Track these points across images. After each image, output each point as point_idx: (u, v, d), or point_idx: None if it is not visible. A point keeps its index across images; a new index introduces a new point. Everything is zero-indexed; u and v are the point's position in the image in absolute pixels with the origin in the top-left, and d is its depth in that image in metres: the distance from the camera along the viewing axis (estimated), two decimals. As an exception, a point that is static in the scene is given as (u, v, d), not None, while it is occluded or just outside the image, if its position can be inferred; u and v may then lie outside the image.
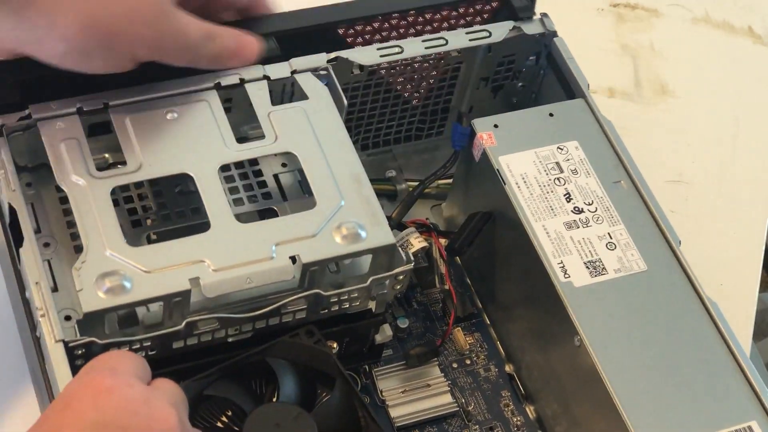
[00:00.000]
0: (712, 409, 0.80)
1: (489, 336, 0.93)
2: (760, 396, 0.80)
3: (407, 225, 0.93)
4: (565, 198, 0.87)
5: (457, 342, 0.92)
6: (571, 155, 0.89)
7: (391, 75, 0.95)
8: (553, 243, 0.85)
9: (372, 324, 0.87)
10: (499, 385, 0.91)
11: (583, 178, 0.88)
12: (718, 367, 0.81)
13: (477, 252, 0.92)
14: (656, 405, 0.79)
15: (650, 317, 0.83)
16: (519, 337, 0.91)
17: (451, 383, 0.90)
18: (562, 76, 0.95)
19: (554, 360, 0.86)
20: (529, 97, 1.00)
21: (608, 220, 0.87)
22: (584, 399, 0.83)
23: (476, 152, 0.90)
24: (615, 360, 0.81)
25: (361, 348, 0.89)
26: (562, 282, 0.83)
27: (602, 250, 0.85)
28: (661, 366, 0.81)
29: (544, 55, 0.97)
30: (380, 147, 1.01)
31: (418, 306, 0.94)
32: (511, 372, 0.92)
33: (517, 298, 0.90)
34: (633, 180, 0.89)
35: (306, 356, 0.82)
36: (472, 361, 0.92)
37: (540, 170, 0.88)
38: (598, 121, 0.92)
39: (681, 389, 0.80)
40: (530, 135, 0.90)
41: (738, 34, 1.17)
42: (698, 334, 0.82)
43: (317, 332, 0.82)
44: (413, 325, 0.93)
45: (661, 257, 0.85)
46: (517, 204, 0.87)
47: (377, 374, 0.89)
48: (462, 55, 0.96)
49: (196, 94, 0.85)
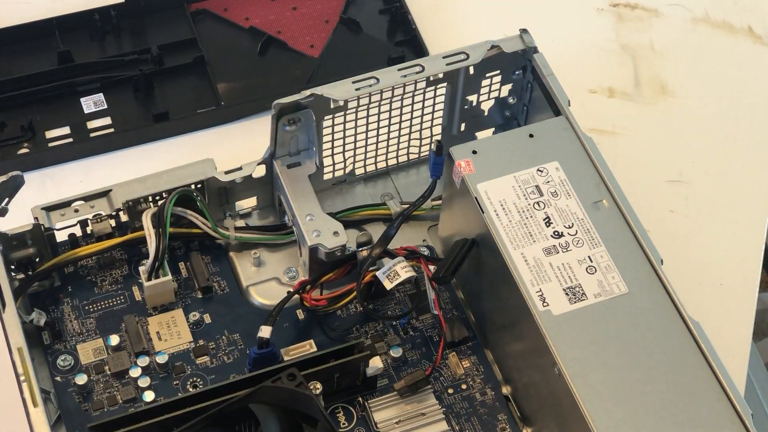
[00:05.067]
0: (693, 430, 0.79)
1: (485, 358, 0.93)
2: (741, 417, 0.79)
3: (397, 253, 0.93)
4: (545, 222, 0.87)
5: (451, 367, 0.93)
6: (551, 177, 0.89)
7: (376, 103, 0.95)
8: (531, 271, 0.85)
9: (360, 359, 0.88)
10: (496, 408, 0.91)
11: (564, 200, 0.88)
12: (700, 390, 0.80)
13: (468, 275, 0.92)
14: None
15: (631, 341, 0.82)
16: (514, 358, 0.91)
17: (447, 409, 0.91)
18: (547, 93, 0.94)
19: (543, 385, 0.86)
20: (520, 110, 1.00)
21: (589, 242, 0.86)
22: (568, 426, 0.83)
23: (456, 179, 0.90)
24: (594, 389, 0.80)
25: (354, 381, 0.90)
26: (541, 311, 0.83)
27: (582, 274, 0.85)
28: (642, 392, 0.80)
29: (529, 69, 0.96)
30: (378, 173, 1.02)
31: (414, 332, 0.94)
32: (507, 394, 0.92)
33: (506, 321, 0.90)
34: (614, 198, 0.88)
35: (289, 400, 0.83)
36: (468, 385, 0.92)
37: (519, 195, 0.88)
38: (579, 138, 0.91)
39: (662, 416, 0.79)
40: (509, 158, 0.90)
41: (738, 34, 1.15)
42: (680, 356, 0.82)
43: (299, 375, 0.84)
44: (410, 352, 0.93)
45: (642, 278, 0.85)
46: (495, 232, 0.86)
47: (371, 406, 0.90)
48: (445, 76, 0.95)
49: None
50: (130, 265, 0.96)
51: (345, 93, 0.91)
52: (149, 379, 0.90)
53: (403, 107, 0.97)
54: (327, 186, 1.01)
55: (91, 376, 0.90)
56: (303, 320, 0.94)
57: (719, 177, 1.08)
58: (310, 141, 0.95)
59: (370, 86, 0.92)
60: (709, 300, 0.90)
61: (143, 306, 0.94)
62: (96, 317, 0.93)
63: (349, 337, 0.94)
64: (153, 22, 1.14)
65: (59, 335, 0.92)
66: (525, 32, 0.95)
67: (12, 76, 1.09)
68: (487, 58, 0.94)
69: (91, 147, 1.06)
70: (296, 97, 0.91)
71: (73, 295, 0.94)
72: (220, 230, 0.96)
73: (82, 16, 1.12)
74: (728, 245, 1.03)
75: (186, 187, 0.94)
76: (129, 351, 0.92)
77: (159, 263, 0.92)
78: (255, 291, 0.96)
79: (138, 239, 0.95)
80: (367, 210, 1.00)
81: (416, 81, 0.94)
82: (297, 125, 0.93)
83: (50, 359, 0.91)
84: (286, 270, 0.97)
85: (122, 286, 0.95)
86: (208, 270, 0.96)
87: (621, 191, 0.88)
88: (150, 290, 0.92)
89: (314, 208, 0.93)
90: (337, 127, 0.95)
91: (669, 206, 0.88)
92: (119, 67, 1.10)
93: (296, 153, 0.95)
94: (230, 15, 1.15)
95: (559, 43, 1.14)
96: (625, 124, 1.09)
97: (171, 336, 0.93)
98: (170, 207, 0.92)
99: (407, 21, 1.13)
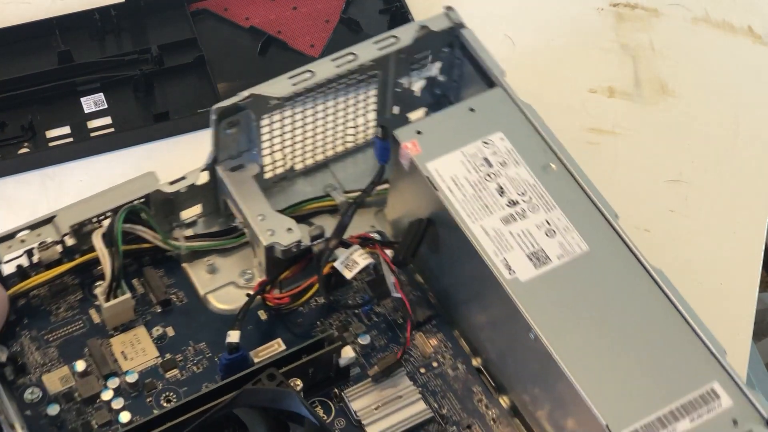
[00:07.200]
0: (673, 378, 0.81)
1: (451, 334, 0.94)
2: (716, 355, 0.81)
3: (350, 242, 0.93)
4: (498, 193, 0.88)
5: (419, 347, 0.93)
6: (497, 147, 0.90)
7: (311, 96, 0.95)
8: (493, 241, 0.86)
9: (332, 351, 0.89)
10: (469, 381, 0.92)
11: (513, 168, 0.89)
12: (671, 335, 0.82)
13: (424, 254, 0.93)
14: (619, 386, 0.80)
15: (599, 296, 0.84)
16: (483, 330, 0.92)
17: (422, 389, 0.91)
18: (479, 67, 0.95)
19: (518, 351, 0.87)
20: (451, 87, 1.01)
21: (544, 207, 0.87)
22: (549, 388, 0.84)
23: (404, 161, 0.90)
24: (572, 347, 0.82)
25: (327, 374, 0.90)
26: (509, 280, 0.84)
27: (542, 238, 0.86)
28: (617, 345, 0.82)
29: (457, 45, 0.97)
30: (317, 166, 1.02)
31: (377, 318, 0.95)
32: (478, 366, 0.93)
33: (470, 295, 0.91)
34: (562, 161, 0.89)
35: (271, 400, 0.83)
36: (438, 362, 0.93)
37: (469, 169, 0.89)
38: (518, 107, 0.92)
39: (640, 365, 0.81)
40: (454, 135, 0.90)
41: (738, 34, 1.16)
42: (648, 305, 0.84)
43: (278, 374, 0.83)
44: (376, 338, 0.94)
45: (601, 235, 0.86)
46: (452, 208, 0.87)
47: (348, 395, 0.90)
48: (375, 63, 0.96)
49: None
50: (83, 289, 0.94)
51: (282, 89, 0.91)
52: (122, 399, 0.89)
53: (337, 97, 0.97)
54: (268, 185, 1.00)
55: (62, 406, 0.88)
56: (266, 321, 0.94)
57: (719, 177, 1.08)
58: (251, 142, 0.95)
59: (306, 80, 0.92)
60: (709, 300, 0.90)
61: (103, 328, 0.93)
62: (57, 345, 0.92)
63: (315, 331, 0.94)
64: (153, 21, 1.14)
65: (23, 368, 0.90)
66: (450, 9, 0.96)
67: (12, 75, 1.09)
68: (416, 39, 0.95)
69: (92, 146, 1.07)
70: (234, 99, 0.91)
71: (30, 327, 0.92)
72: (170, 242, 0.95)
73: (82, 15, 1.13)
74: (728, 245, 1.04)
75: (131, 203, 0.92)
76: (96, 375, 0.90)
77: (116, 283, 0.91)
78: (214, 298, 0.95)
79: (89, 262, 0.93)
80: (312, 204, 1.00)
81: (350, 70, 0.94)
82: (237, 127, 0.93)
83: (17, 394, 0.89)
84: (241, 273, 0.96)
85: (79, 310, 0.93)
86: (164, 283, 0.95)
87: (567, 153, 0.90)
88: (110, 311, 0.91)
89: (264, 208, 0.93)
90: (276, 124, 0.95)
91: (669, 206, 0.88)
92: (119, 66, 1.10)
93: (238, 155, 0.95)
94: (230, 15, 1.16)
95: (559, 42, 1.15)
96: (625, 124, 1.10)
97: (137, 354, 0.92)
98: (120, 224, 0.91)
99: (407, 21, 1.13)
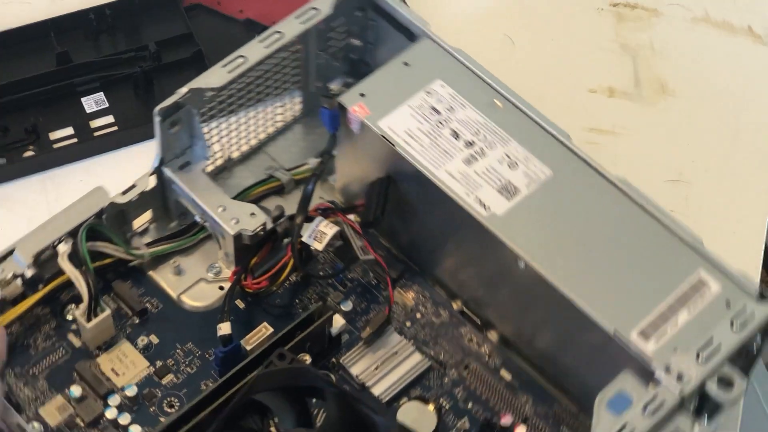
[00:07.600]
0: (661, 275, 0.85)
1: (426, 284, 0.96)
2: (693, 245, 0.86)
3: (312, 215, 0.94)
4: (453, 137, 0.90)
5: (399, 302, 0.95)
6: (441, 95, 0.92)
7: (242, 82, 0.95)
8: (461, 183, 0.88)
9: (325, 321, 0.90)
10: (455, 323, 0.95)
11: (461, 111, 0.92)
12: (648, 235, 0.86)
13: (387, 212, 0.94)
14: (614, 295, 0.83)
15: (574, 215, 0.87)
16: (458, 273, 0.94)
17: (414, 341, 0.94)
18: (397, 23, 0.97)
19: (507, 283, 0.89)
20: (368, 50, 1.02)
21: (500, 142, 0.90)
22: (545, 312, 0.87)
23: (354, 126, 0.92)
24: (561, 268, 0.85)
25: (322, 346, 0.91)
26: (486, 216, 0.87)
27: (506, 171, 0.89)
28: (602, 257, 0.85)
29: (371, 7, 0.99)
30: (252, 150, 1.02)
31: (352, 284, 0.96)
32: (460, 308, 0.95)
33: (443, 242, 0.93)
34: (504, 95, 0.92)
35: (288, 379, 0.84)
36: (421, 313, 0.95)
37: (420, 120, 0.91)
38: (450, 53, 0.94)
39: (628, 270, 0.85)
40: (396, 90, 0.92)
41: (738, 33, 1.17)
42: (619, 212, 0.87)
43: (287, 353, 0.84)
44: (356, 303, 0.95)
45: (559, 156, 0.90)
46: (414, 160, 0.89)
47: (345, 362, 0.92)
48: (298, 38, 0.97)
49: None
50: (56, 317, 0.93)
51: (220, 79, 0.91)
52: (128, 414, 0.88)
53: (265, 78, 0.97)
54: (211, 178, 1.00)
55: (68, 434, 0.87)
56: (245, 309, 0.94)
57: (719, 177, 1.10)
58: (193, 137, 0.94)
59: (240, 65, 0.92)
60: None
61: (86, 350, 0.92)
62: (45, 377, 0.90)
63: (296, 308, 0.95)
64: (148, 18, 1.14)
65: (17, 408, 0.88)
66: (358, -28, 0.98)
67: (11, 79, 1.07)
68: (336, 7, 0.96)
69: (96, 146, 1.07)
70: (174, 98, 0.90)
71: (12, 365, 0.90)
72: (133, 252, 0.94)
73: (78, 16, 1.12)
74: (728, 245, 1.02)
75: (88, 220, 0.91)
76: (93, 397, 0.89)
77: (95, 301, 0.90)
78: (188, 297, 0.95)
79: (55, 288, 0.92)
80: (258, 188, 1.00)
81: (278, 48, 0.95)
82: (179, 125, 0.92)
83: (18, 434, 0.87)
84: (209, 268, 0.96)
85: (57, 338, 0.92)
86: (136, 293, 0.94)
87: (507, 87, 0.93)
88: (93, 330, 0.90)
89: (222, 199, 0.93)
90: (212, 114, 0.95)
91: (669, 206, 0.89)
92: (117, 65, 1.10)
93: (182, 153, 0.95)
94: (224, 8, 1.16)
95: (559, 42, 1.16)
96: (625, 123, 1.11)
97: (127, 368, 0.91)
98: (84, 243, 0.90)
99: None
